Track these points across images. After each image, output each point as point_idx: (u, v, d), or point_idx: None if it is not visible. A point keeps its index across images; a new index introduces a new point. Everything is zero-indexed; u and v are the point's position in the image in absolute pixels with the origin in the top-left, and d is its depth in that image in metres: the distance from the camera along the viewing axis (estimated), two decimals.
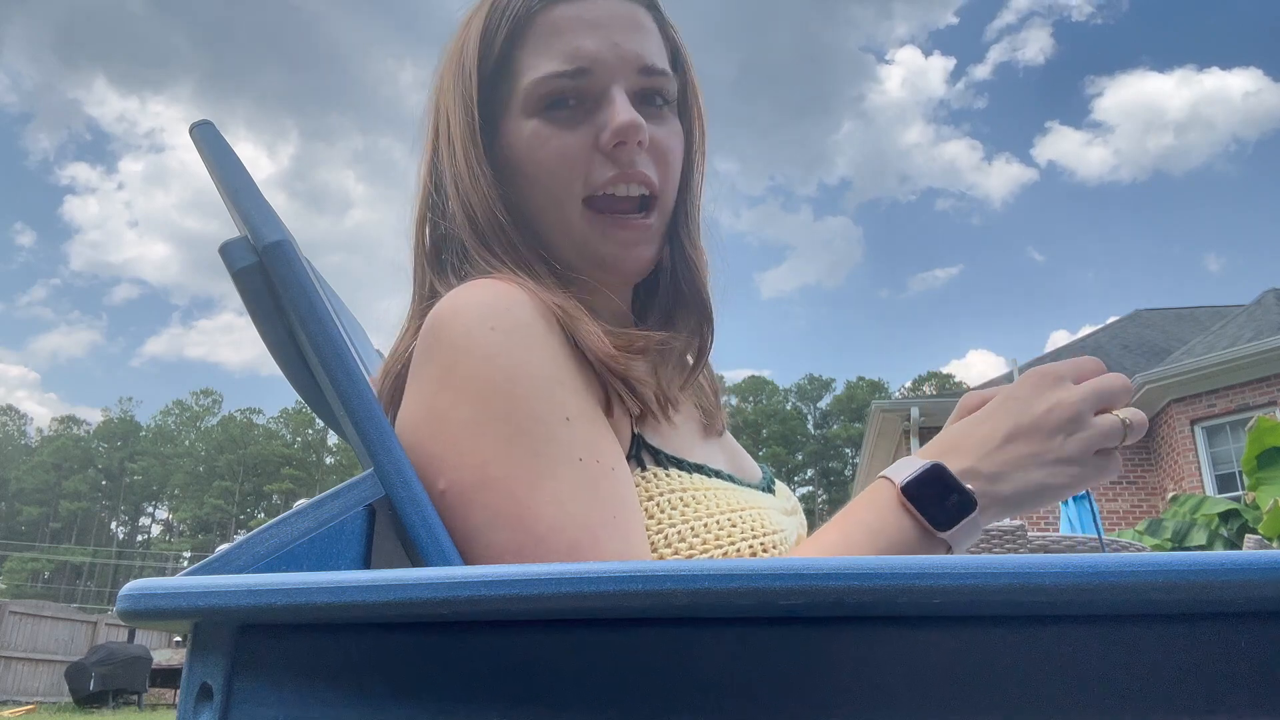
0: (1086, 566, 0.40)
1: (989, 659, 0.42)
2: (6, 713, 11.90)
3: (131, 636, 15.31)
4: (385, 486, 0.57)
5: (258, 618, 0.47)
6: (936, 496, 0.62)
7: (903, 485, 0.62)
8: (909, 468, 0.64)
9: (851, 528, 0.62)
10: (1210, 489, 10.42)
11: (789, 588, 0.41)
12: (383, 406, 0.61)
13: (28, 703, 13.89)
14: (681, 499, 0.67)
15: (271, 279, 0.61)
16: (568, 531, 0.58)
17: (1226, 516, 8.09)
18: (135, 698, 13.41)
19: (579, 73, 0.73)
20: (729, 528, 0.66)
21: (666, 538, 0.65)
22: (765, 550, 0.66)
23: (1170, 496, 8.87)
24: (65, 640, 15.49)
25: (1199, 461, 10.71)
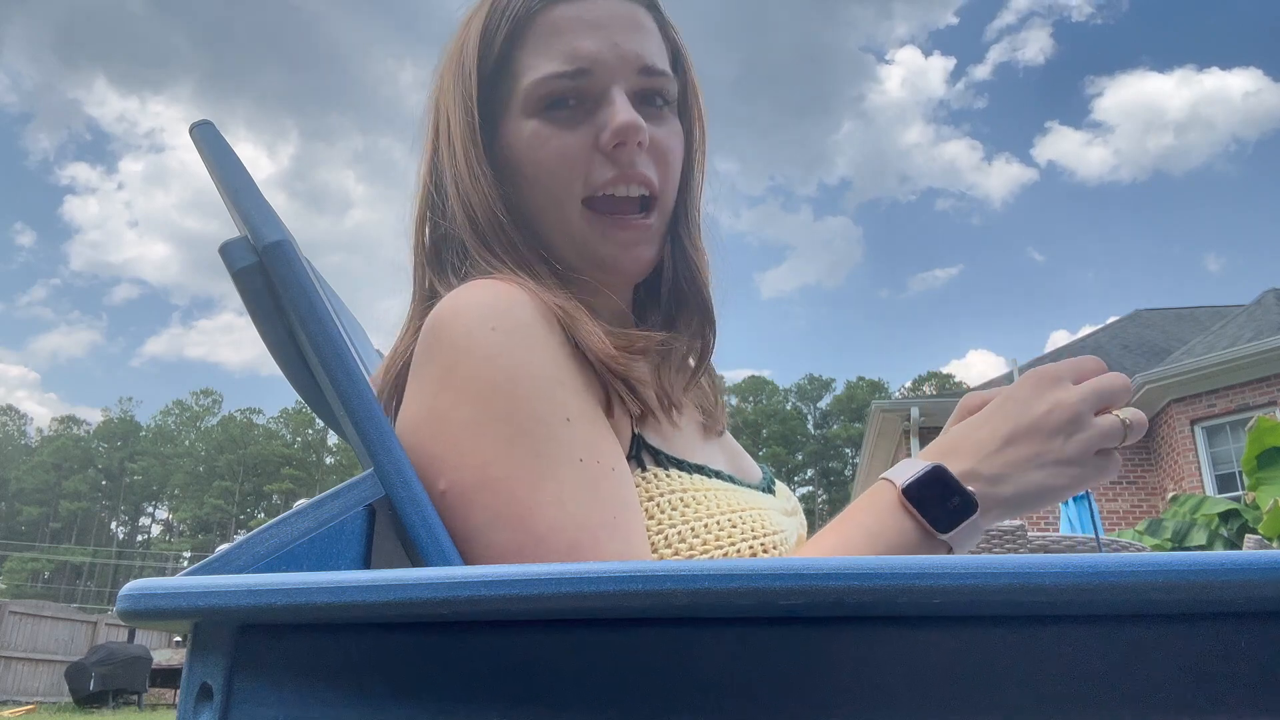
0: (1086, 566, 0.40)
1: (989, 659, 0.42)
2: (6, 713, 11.90)
3: (131, 636, 15.31)
4: (385, 486, 0.57)
5: (258, 618, 0.47)
6: (937, 498, 0.62)
7: (904, 487, 0.62)
8: (910, 470, 0.64)
9: (852, 530, 0.62)
10: (1210, 489, 10.42)
11: (789, 588, 0.41)
12: (383, 406, 0.61)
13: (28, 703, 13.88)
14: (682, 499, 0.67)
15: (271, 279, 0.61)
16: (568, 532, 0.58)
17: (1226, 516, 8.09)
18: (135, 698, 13.41)
19: (579, 73, 0.73)
20: (729, 528, 0.66)
21: (666, 538, 0.65)
22: (765, 551, 0.66)
23: (1170, 496, 8.87)
24: (65, 640, 15.49)
25: (1199, 461, 10.71)
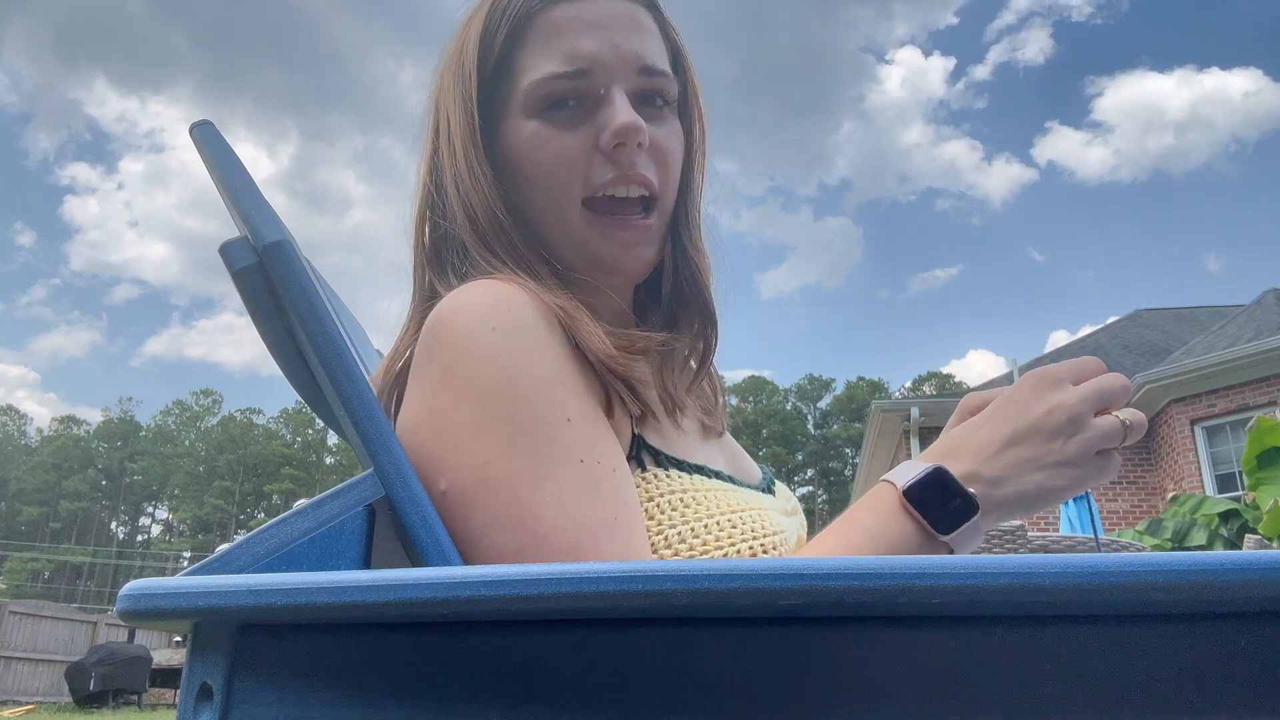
0: (1086, 566, 0.40)
1: (989, 659, 0.42)
2: (6, 713, 11.90)
3: (131, 636, 15.30)
4: (385, 486, 0.56)
5: (258, 618, 0.47)
6: (938, 500, 0.62)
7: (904, 489, 0.62)
8: (910, 471, 0.64)
9: (853, 531, 0.62)
10: (1210, 489, 10.42)
11: (789, 588, 0.41)
12: (383, 406, 0.61)
13: (28, 703, 13.88)
14: (682, 500, 0.67)
15: (271, 279, 0.61)
16: (569, 533, 0.58)
17: (1226, 516, 8.09)
18: (135, 698, 13.40)
19: (579, 73, 0.73)
20: (729, 529, 0.66)
21: (667, 539, 0.65)
22: (765, 551, 0.66)
23: (1170, 496, 8.87)
24: (65, 640, 15.49)
25: (1199, 461, 10.70)
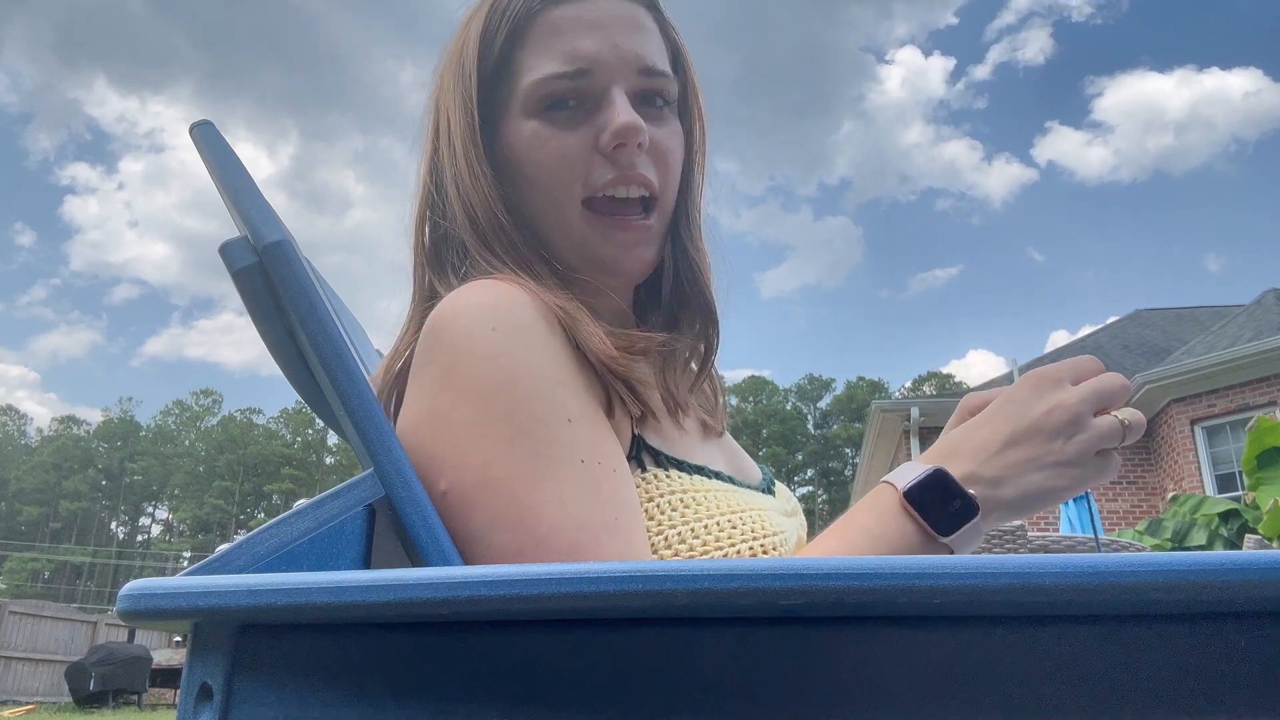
0: (1086, 566, 0.40)
1: (989, 659, 0.42)
2: (6, 713, 11.90)
3: (131, 636, 15.31)
4: (385, 486, 0.56)
5: (258, 618, 0.47)
6: (939, 501, 0.62)
7: (905, 490, 0.62)
8: (911, 473, 0.64)
9: (854, 532, 0.62)
10: (1210, 489, 10.42)
11: (789, 588, 0.41)
12: (383, 406, 0.61)
13: (28, 703, 13.88)
14: (682, 500, 0.67)
15: (271, 279, 0.61)
16: (569, 533, 0.58)
17: (1226, 516, 8.09)
18: (135, 698, 13.40)
19: (579, 74, 0.73)
20: (729, 529, 0.66)
21: (667, 539, 0.65)
22: (765, 551, 0.66)
23: (1170, 496, 8.87)
24: (65, 640, 15.49)
25: (1199, 461, 10.70)
